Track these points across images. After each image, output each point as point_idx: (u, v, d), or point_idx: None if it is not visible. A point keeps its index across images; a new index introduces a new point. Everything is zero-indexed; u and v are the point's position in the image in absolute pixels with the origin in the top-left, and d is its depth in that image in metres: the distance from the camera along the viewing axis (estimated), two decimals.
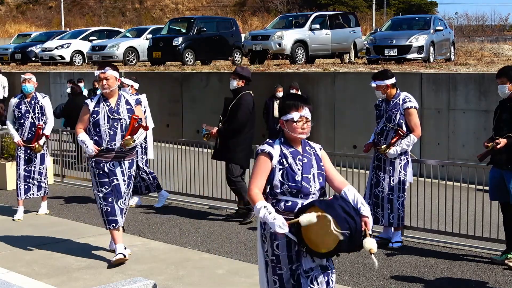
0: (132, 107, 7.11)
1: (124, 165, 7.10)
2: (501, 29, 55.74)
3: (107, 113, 7.00)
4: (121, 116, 7.02)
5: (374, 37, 20.69)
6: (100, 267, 7.10)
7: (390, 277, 6.76)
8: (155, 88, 18.55)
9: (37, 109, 9.17)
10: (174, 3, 65.52)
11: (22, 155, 9.27)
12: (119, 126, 7.01)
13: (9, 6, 63.00)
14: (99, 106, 7.03)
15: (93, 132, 7.00)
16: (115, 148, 6.99)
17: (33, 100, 9.19)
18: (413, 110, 7.60)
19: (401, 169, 7.68)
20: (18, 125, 9.18)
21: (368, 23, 52.49)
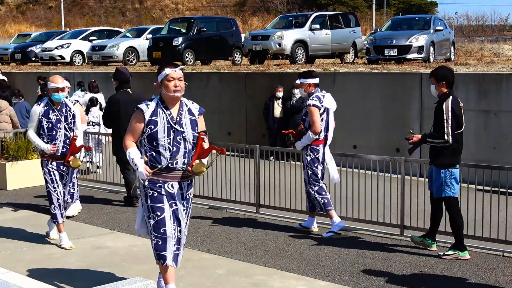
0: (195, 117, 5.76)
1: (184, 187, 5.79)
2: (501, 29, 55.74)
3: (168, 124, 5.62)
4: (184, 129, 5.65)
5: (374, 37, 20.69)
6: (100, 267, 7.10)
7: (390, 277, 6.76)
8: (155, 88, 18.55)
9: (69, 118, 7.88)
10: (174, 3, 65.52)
11: (56, 172, 7.83)
12: (182, 141, 5.65)
13: (9, 6, 63.00)
14: (158, 114, 5.64)
15: (148, 146, 5.66)
16: (176, 167, 5.64)
17: (64, 107, 7.89)
18: (313, 108, 8.23)
19: (308, 164, 8.31)
20: (48, 138, 7.76)
21: (368, 23, 52.48)
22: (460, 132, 7.32)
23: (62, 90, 7.77)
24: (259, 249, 7.75)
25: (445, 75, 7.36)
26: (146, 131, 5.61)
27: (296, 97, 15.10)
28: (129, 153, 5.65)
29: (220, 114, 17.09)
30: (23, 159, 11.52)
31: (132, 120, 5.70)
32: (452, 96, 7.31)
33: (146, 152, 5.67)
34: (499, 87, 13.02)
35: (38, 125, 7.81)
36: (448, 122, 7.21)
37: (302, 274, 6.84)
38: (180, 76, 5.63)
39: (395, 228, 8.44)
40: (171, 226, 5.69)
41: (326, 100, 8.30)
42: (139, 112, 5.65)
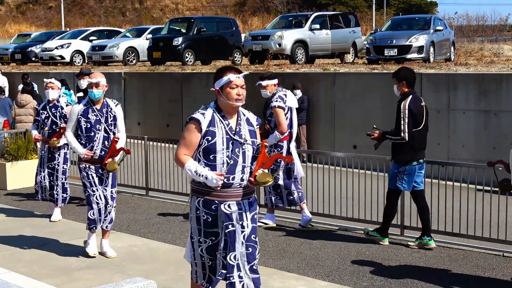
0: (254, 128, 5.13)
1: (244, 206, 5.02)
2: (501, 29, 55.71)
3: (227, 135, 4.97)
4: (243, 141, 5.01)
5: (374, 37, 20.68)
6: (100, 267, 7.10)
7: (390, 277, 6.76)
8: (155, 88, 18.56)
9: (110, 119, 7.39)
10: (174, 3, 65.53)
11: (94, 175, 7.39)
12: (241, 154, 4.98)
13: (9, 6, 63.01)
14: (215, 125, 4.96)
15: (203, 161, 4.95)
16: (233, 183, 4.94)
17: (105, 107, 7.41)
18: (278, 109, 8.47)
19: None
20: (86, 140, 7.34)
21: (368, 23, 52.48)
22: (418, 130, 7.63)
23: (97, 85, 7.27)
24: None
25: (405, 75, 7.70)
26: (203, 143, 4.92)
27: (297, 97, 15.08)
28: (189, 167, 4.90)
29: None
30: (23, 159, 11.52)
31: (185, 132, 4.97)
32: (411, 96, 7.64)
33: None
34: (499, 87, 13.02)
35: (76, 126, 7.36)
36: (405, 120, 7.55)
37: (302, 274, 6.84)
38: (243, 83, 5.00)
39: (395, 228, 8.44)
40: (227, 249, 4.95)
41: (288, 100, 8.59)
42: (194, 123, 4.94)
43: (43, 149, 9.22)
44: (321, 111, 15.24)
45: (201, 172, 4.87)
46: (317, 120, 15.40)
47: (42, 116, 9.17)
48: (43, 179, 9.19)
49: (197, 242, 5.03)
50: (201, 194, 4.95)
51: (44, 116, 9.16)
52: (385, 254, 7.56)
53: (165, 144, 11.31)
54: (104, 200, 7.40)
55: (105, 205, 7.42)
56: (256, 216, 5.08)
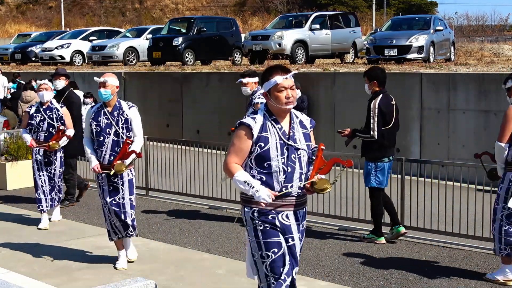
0: (308, 130, 4.74)
1: (300, 217, 4.70)
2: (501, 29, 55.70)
3: (280, 140, 4.58)
4: (298, 145, 4.61)
5: (374, 37, 20.68)
6: (100, 267, 7.10)
7: (390, 277, 6.76)
8: (155, 88, 18.55)
9: (121, 122, 6.93)
10: (174, 3, 65.52)
11: (105, 187, 7.00)
12: (297, 160, 4.59)
13: (9, 6, 63.01)
14: (267, 129, 4.58)
15: (257, 169, 4.57)
16: (291, 192, 4.55)
17: (116, 110, 6.97)
18: (260, 105, 8.43)
19: None
20: (97, 145, 6.97)
21: (368, 23, 52.48)
22: (387, 128, 7.82)
23: (104, 85, 6.87)
24: None
25: (376, 75, 7.88)
26: (255, 150, 4.53)
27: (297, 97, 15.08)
28: (238, 178, 4.51)
29: (220, 114, 17.09)
30: (23, 159, 11.52)
31: (235, 138, 4.60)
32: (382, 95, 7.81)
33: (253, 177, 4.56)
34: (499, 87, 12.98)
35: (89, 129, 6.97)
36: (374, 119, 7.72)
37: (302, 274, 6.84)
38: (292, 84, 4.63)
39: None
40: (289, 265, 4.59)
41: None
42: (244, 128, 4.56)
43: (38, 153, 8.80)
44: (321, 111, 15.24)
45: (253, 184, 4.47)
46: (317, 120, 15.34)
47: (37, 119, 8.76)
48: (44, 183, 8.81)
49: (259, 258, 4.59)
50: (254, 203, 4.53)
51: (39, 119, 8.76)
52: (385, 254, 7.56)
53: (165, 144, 11.31)
54: (113, 213, 6.95)
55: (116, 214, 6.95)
56: (305, 226, 4.80)
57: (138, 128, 7.02)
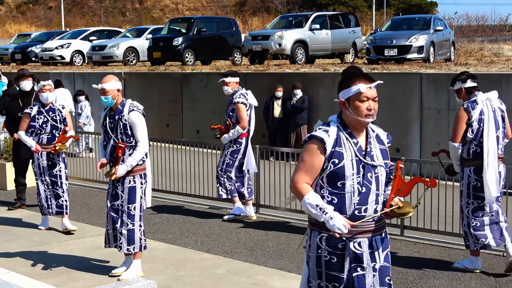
0: (385, 146, 4.20)
1: (376, 244, 4.08)
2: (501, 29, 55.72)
3: (356, 157, 4.05)
4: (376, 163, 4.07)
5: (374, 37, 20.69)
6: (100, 267, 7.10)
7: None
8: (155, 88, 18.55)
9: (119, 128, 6.63)
10: (174, 3, 65.52)
11: (110, 190, 6.81)
12: (373, 180, 4.05)
13: (9, 6, 63.01)
14: (342, 144, 4.05)
15: (328, 189, 4.04)
16: (365, 216, 4.01)
17: (118, 114, 6.69)
18: (241, 105, 9.00)
19: (227, 154, 9.08)
20: (104, 147, 6.84)
21: (368, 23, 52.49)
22: None
23: (104, 92, 6.60)
24: (259, 249, 7.75)
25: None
26: (328, 167, 4.00)
27: (297, 97, 15.10)
28: (309, 200, 3.97)
29: (220, 114, 17.04)
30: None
31: (305, 154, 4.06)
32: None
33: (323, 197, 4.03)
34: (499, 87, 13.00)
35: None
36: None
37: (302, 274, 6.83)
38: (376, 95, 4.12)
39: (395, 228, 8.44)
40: None
41: (249, 97, 9.14)
42: (316, 142, 4.03)
43: (41, 157, 8.50)
44: (321, 111, 15.23)
45: (326, 210, 3.93)
46: (317, 120, 15.38)
47: (39, 121, 8.45)
48: (47, 188, 8.48)
49: (316, 286, 4.17)
50: (324, 229, 3.99)
51: (42, 121, 8.46)
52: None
53: (165, 144, 11.31)
54: (110, 219, 6.72)
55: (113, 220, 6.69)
56: (389, 253, 4.15)
57: (139, 134, 6.58)
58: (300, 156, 4.11)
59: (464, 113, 6.81)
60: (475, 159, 6.75)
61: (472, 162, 6.78)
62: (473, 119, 6.75)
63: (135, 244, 6.67)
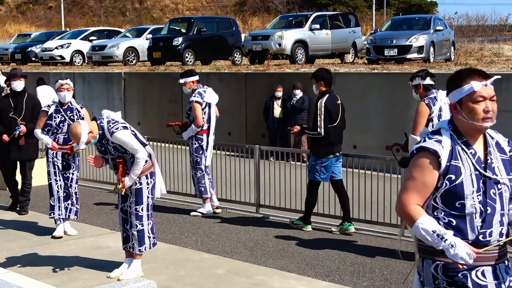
0: (507, 156, 3.58)
1: (501, 272, 3.44)
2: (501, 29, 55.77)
3: (475, 171, 3.41)
4: (499, 177, 3.43)
5: (374, 37, 20.69)
6: (100, 267, 7.10)
7: (390, 277, 6.76)
8: (155, 88, 18.55)
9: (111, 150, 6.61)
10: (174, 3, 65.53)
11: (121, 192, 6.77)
12: (497, 197, 3.41)
13: (9, 6, 63.01)
14: (458, 156, 3.42)
15: (444, 210, 3.42)
16: (489, 241, 3.37)
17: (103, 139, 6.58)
18: (195, 104, 9.27)
19: (193, 151, 9.41)
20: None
21: (368, 23, 52.50)
22: (333, 126, 8.27)
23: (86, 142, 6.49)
24: (259, 249, 7.75)
25: (323, 76, 8.34)
26: (443, 185, 3.38)
27: (297, 97, 15.10)
28: (423, 225, 3.35)
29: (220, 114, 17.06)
30: None
31: (414, 169, 3.44)
32: (328, 94, 8.28)
33: (438, 220, 3.40)
34: (499, 87, 12.98)
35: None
36: (321, 117, 8.18)
37: (302, 274, 6.84)
38: (493, 94, 3.57)
39: (395, 228, 8.44)
40: None
41: (207, 95, 9.38)
42: (428, 155, 3.40)
43: (56, 156, 8.23)
44: None
45: (445, 236, 3.30)
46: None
47: (57, 120, 8.20)
48: (60, 188, 8.23)
49: None
50: (439, 255, 3.38)
51: (59, 120, 8.20)
52: (385, 254, 7.55)
53: (165, 144, 11.31)
54: (120, 220, 6.78)
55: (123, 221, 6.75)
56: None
57: (131, 147, 6.46)
58: (408, 173, 3.49)
59: (426, 108, 7.18)
60: None
61: None
62: (433, 114, 7.17)
63: (145, 244, 6.70)
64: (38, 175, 10.63)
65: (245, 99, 16.74)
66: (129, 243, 6.73)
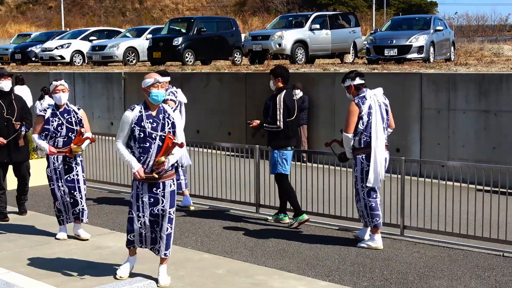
0: None
1: None
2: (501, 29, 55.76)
3: None
4: None
5: (374, 37, 20.69)
6: (100, 267, 7.10)
7: (390, 277, 6.76)
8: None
9: (167, 126, 6.45)
10: (174, 3, 65.53)
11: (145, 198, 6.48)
12: None
13: (9, 6, 63.02)
14: None
15: None
16: None
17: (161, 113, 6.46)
18: (170, 102, 9.42)
19: None
20: (141, 151, 6.40)
21: (368, 23, 52.50)
22: (291, 120, 8.67)
23: (162, 85, 6.40)
24: (259, 249, 7.75)
25: (281, 73, 8.78)
26: None
27: (297, 97, 15.09)
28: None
29: (220, 114, 17.09)
30: None
31: None
32: (285, 90, 8.75)
33: None
34: (499, 87, 13.01)
35: (129, 135, 6.39)
36: (280, 111, 8.62)
37: (302, 274, 6.84)
38: None
39: (395, 228, 8.44)
40: None
41: (179, 95, 9.64)
42: None
43: (56, 161, 7.97)
44: (321, 111, 15.24)
45: None
46: (317, 120, 15.40)
47: (54, 124, 7.95)
48: (63, 194, 7.98)
49: None
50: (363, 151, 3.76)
51: (57, 124, 7.95)
52: (385, 254, 7.56)
53: None
54: (152, 224, 6.47)
55: (159, 229, 6.46)
56: None
57: (180, 132, 6.47)
58: None
59: (356, 107, 7.67)
60: (366, 147, 7.60)
61: (364, 150, 7.62)
62: (363, 112, 7.63)
63: (170, 248, 6.59)
64: (38, 175, 10.64)
65: (245, 99, 16.74)
66: (155, 245, 6.53)
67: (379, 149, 7.59)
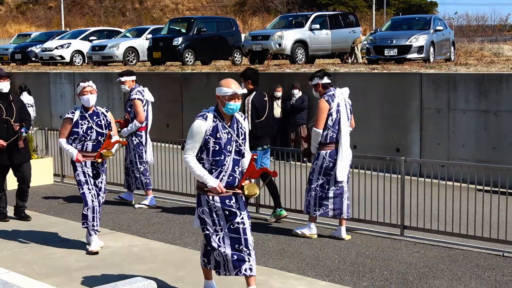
0: None
1: None
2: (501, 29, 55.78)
3: None
4: None
5: (374, 37, 20.68)
6: (100, 267, 7.10)
7: (390, 277, 6.76)
8: (155, 88, 18.54)
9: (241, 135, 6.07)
10: (174, 3, 65.54)
11: (220, 211, 5.91)
12: None
13: (9, 6, 63.04)
14: None
15: None
16: None
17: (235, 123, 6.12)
18: (137, 101, 9.85)
19: (134, 147, 9.97)
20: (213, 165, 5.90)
21: (368, 23, 52.51)
22: (260, 121, 8.89)
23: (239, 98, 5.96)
24: (259, 249, 7.74)
25: (250, 75, 8.98)
26: None
27: (296, 97, 15.10)
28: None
29: None
30: None
31: None
32: (255, 92, 8.94)
33: None
34: (499, 87, 13.02)
35: (202, 147, 5.81)
36: (248, 113, 8.86)
37: (302, 274, 6.84)
38: None
39: (395, 228, 8.44)
40: None
41: (146, 94, 9.99)
42: None
43: (85, 165, 7.64)
44: None
45: None
46: None
47: (83, 127, 7.59)
48: (94, 197, 7.64)
49: None
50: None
51: (86, 127, 7.60)
52: (385, 254, 7.56)
53: (165, 144, 11.31)
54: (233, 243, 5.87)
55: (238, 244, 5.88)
56: None
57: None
58: None
59: (326, 104, 7.96)
60: (330, 143, 8.00)
61: (328, 146, 8.01)
62: (333, 110, 7.97)
63: None
64: (38, 175, 10.64)
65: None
66: (244, 264, 5.86)
67: (346, 145, 8.03)
